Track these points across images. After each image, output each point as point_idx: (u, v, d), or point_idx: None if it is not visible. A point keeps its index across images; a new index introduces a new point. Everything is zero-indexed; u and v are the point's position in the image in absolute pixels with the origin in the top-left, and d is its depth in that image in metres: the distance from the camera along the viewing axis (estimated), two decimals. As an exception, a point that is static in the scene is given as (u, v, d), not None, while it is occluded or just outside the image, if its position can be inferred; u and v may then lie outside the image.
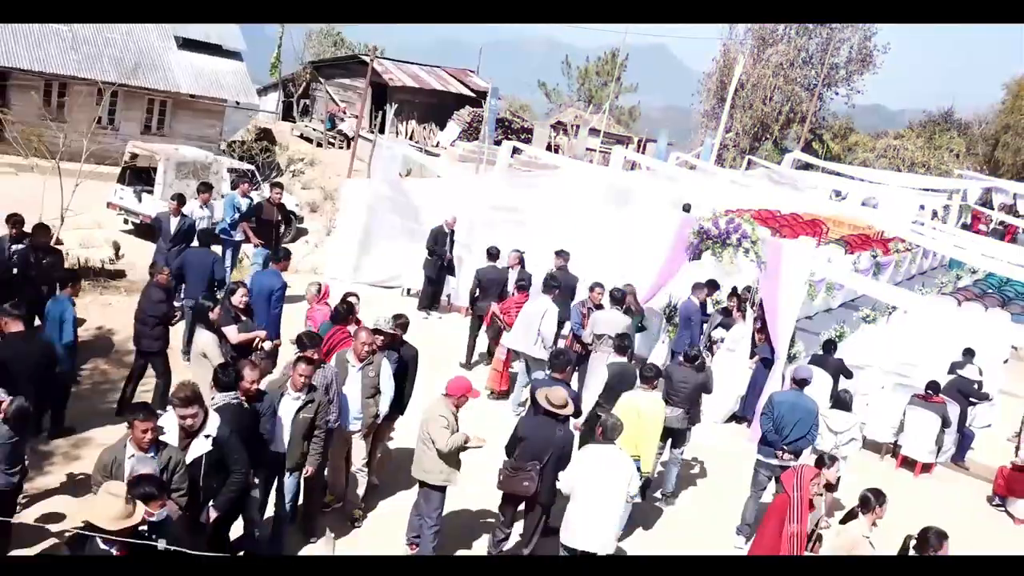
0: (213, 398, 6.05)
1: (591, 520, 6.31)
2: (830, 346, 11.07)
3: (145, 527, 4.29)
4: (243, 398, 6.10)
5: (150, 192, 15.62)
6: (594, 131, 34.31)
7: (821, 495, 6.73)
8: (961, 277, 20.83)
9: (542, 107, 47.04)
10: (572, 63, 46.89)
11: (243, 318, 8.21)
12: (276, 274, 9.67)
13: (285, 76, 33.68)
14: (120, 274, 13.12)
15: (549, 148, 31.04)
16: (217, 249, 11.50)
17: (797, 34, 40.29)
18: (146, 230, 15.07)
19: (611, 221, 13.37)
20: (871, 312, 13.81)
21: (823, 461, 6.86)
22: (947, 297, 16.95)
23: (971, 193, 30.10)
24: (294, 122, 29.73)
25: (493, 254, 11.89)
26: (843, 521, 6.67)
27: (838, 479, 7.12)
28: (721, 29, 41.85)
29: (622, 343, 8.64)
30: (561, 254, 11.70)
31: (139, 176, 16.28)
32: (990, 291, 19.71)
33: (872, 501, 6.28)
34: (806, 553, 6.65)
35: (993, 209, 29.89)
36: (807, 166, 31.89)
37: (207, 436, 5.53)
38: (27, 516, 6.41)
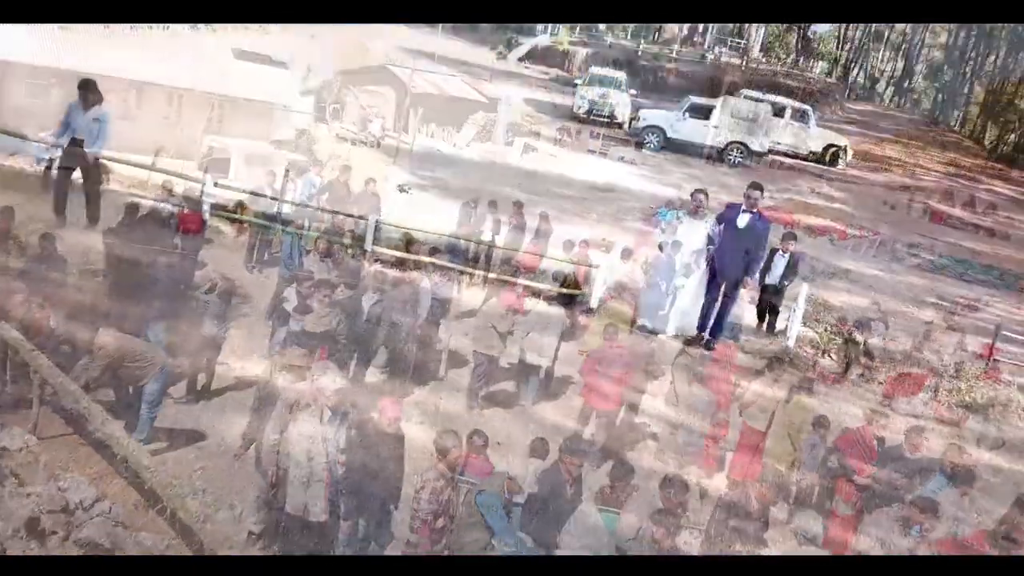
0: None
1: None
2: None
3: None
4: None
5: (224, 179, 19.01)
6: (595, 134, 37.54)
7: None
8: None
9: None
10: (577, 71, 49.87)
11: None
12: None
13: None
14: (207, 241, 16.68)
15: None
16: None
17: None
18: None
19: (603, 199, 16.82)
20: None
21: None
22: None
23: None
24: (327, 124, 33.07)
25: None
26: None
27: None
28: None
29: None
30: (516, 203, 15.73)
31: (214, 165, 19.70)
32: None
33: None
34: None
35: (955, 207, 32.99)
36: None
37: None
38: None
